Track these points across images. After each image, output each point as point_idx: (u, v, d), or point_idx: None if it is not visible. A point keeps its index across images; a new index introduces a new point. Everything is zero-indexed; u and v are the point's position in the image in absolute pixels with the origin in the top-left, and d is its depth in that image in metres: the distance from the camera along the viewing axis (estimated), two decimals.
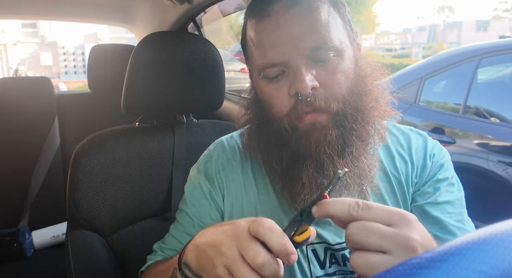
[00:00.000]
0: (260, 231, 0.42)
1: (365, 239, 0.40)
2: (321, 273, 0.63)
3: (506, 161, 1.79)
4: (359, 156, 0.60)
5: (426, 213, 0.64)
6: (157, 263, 0.71)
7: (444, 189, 0.66)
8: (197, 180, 0.73)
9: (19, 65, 14.43)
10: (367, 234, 0.40)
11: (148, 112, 1.01)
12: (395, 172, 0.68)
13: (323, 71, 0.58)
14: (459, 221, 0.64)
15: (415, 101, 2.25)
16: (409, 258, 0.23)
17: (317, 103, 0.57)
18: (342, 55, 0.59)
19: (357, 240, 0.40)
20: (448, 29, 37.67)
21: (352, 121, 0.59)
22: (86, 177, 0.88)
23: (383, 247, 0.39)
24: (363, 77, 0.62)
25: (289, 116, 0.59)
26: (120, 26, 2.25)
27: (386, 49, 31.78)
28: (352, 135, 0.59)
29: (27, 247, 1.69)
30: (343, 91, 0.59)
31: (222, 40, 8.87)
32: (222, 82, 0.98)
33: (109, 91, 1.70)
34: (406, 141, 0.71)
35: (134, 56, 0.91)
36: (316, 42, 0.57)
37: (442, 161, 0.69)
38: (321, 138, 0.58)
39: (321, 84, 0.58)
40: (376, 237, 0.39)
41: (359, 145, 0.60)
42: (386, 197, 0.66)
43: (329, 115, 0.59)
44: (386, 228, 0.40)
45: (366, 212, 0.41)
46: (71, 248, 0.85)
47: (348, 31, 0.63)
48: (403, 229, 0.40)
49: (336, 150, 0.58)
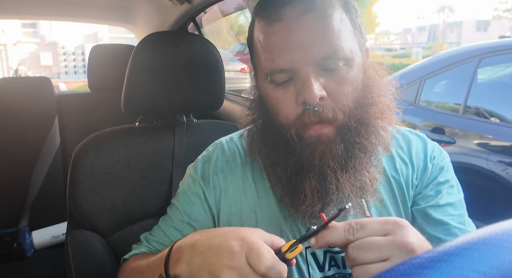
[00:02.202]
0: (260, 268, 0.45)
1: (365, 255, 0.42)
2: (319, 275, 0.63)
3: (506, 161, 1.79)
4: (362, 170, 0.59)
5: (429, 216, 0.64)
6: (139, 256, 0.70)
7: (445, 192, 0.66)
8: (192, 179, 0.72)
9: (19, 65, 14.41)
10: (366, 250, 0.42)
11: (148, 112, 1.01)
12: (395, 174, 0.68)
13: (332, 80, 0.57)
14: (461, 222, 0.64)
15: (415, 101, 2.25)
16: (409, 258, 0.23)
17: (325, 114, 0.56)
18: (352, 64, 0.58)
19: (358, 258, 0.43)
20: (448, 29, 37.65)
21: (355, 135, 0.59)
22: (86, 177, 0.88)
23: (383, 256, 0.41)
24: (371, 87, 0.61)
25: (295, 124, 0.58)
26: (120, 26, 2.25)
27: (386, 49, 31.78)
28: (355, 148, 0.59)
29: (27, 247, 1.68)
30: (349, 102, 0.58)
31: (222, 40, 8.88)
32: (222, 82, 0.98)
33: (109, 91, 1.70)
34: (406, 143, 0.71)
35: (134, 56, 0.91)
36: (326, 51, 0.56)
37: (442, 163, 0.69)
38: (326, 151, 0.58)
39: (329, 94, 0.57)
40: (375, 250, 0.42)
41: (362, 157, 0.59)
42: (386, 199, 0.66)
43: (334, 128, 0.58)
44: (383, 238, 0.42)
45: (362, 232, 0.44)
46: (71, 248, 0.85)
47: (358, 38, 0.62)
48: (398, 235, 0.42)
49: (340, 163, 0.58)
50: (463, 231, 0.63)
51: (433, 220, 0.64)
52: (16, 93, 1.80)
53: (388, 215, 0.65)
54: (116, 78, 1.57)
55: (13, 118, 1.77)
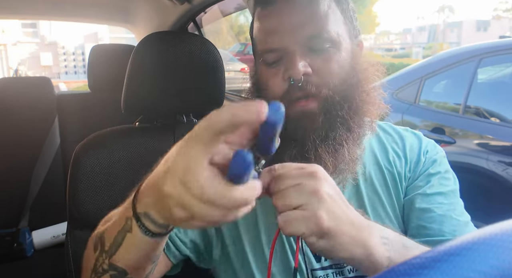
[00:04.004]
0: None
1: (285, 201, 0.46)
2: (317, 266, 0.64)
3: (506, 161, 1.79)
4: (342, 142, 0.61)
5: (413, 205, 0.65)
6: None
7: (436, 182, 0.67)
8: None
9: (19, 65, 14.41)
10: (284, 198, 0.46)
11: (148, 112, 1.01)
12: (388, 166, 0.69)
13: (318, 60, 0.61)
14: (450, 210, 0.64)
15: (415, 101, 2.25)
16: (410, 258, 0.23)
17: (308, 89, 0.60)
18: (339, 47, 0.62)
19: (280, 205, 0.46)
20: (448, 29, 37.68)
21: (339, 109, 0.61)
22: (86, 177, 0.88)
23: (298, 203, 0.45)
24: (358, 71, 0.64)
25: (282, 100, 0.61)
26: (120, 26, 2.25)
27: (386, 49, 31.79)
28: (337, 121, 0.61)
29: (27, 247, 1.69)
30: (334, 79, 0.61)
31: (222, 40, 8.88)
32: (222, 82, 0.98)
33: (109, 91, 1.70)
34: (401, 139, 0.73)
35: (134, 56, 0.91)
36: (313, 32, 0.60)
37: (435, 156, 0.70)
38: (308, 124, 0.61)
39: (314, 71, 0.60)
40: (291, 197, 0.45)
41: (343, 131, 0.62)
42: (379, 189, 0.67)
43: (318, 102, 0.61)
44: (297, 187, 0.46)
45: (281, 169, 0.48)
46: (71, 248, 0.85)
47: (349, 27, 0.66)
48: (310, 183, 0.46)
49: (320, 135, 0.61)
50: (451, 218, 0.63)
51: (417, 208, 0.65)
52: (16, 93, 1.80)
53: (381, 204, 0.67)
54: (116, 78, 1.57)
55: (13, 119, 1.77)
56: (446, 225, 0.62)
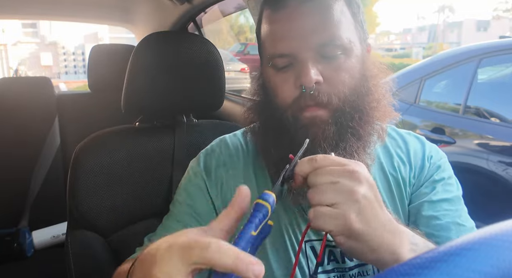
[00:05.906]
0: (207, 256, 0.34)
1: (321, 179, 0.46)
2: (319, 270, 0.64)
3: (506, 161, 1.79)
4: (352, 152, 0.61)
5: (420, 212, 0.65)
6: (131, 260, 0.66)
7: (440, 189, 0.67)
8: (194, 171, 0.73)
9: (19, 65, 14.40)
10: (319, 194, 0.46)
11: (148, 113, 1.01)
12: (393, 171, 0.69)
13: (329, 67, 0.60)
14: (456, 217, 0.64)
15: (415, 101, 2.25)
16: (410, 258, 0.23)
17: (320, 98, 0.59)
18: (350, 54, 0.61)
19: (315, 183, 0.46)
20: (448, 29, 37.66)
21: (349, 119, 0.61)
22: (86, 177, 0.88)
23: (331, 202, 0.45)
24: (368, 77, 0.63)
25: (292, 107, 0.61)
26: (120, 26, 2.25)
27: (386, 49, 31.75)
28: (348, 132, 0.61)
29: (27, 247, 1.68)
30: (345, 89, 0.60)
31: (222, 40, 8.89)
32: (222, 82, 0.98)
33: (109, 91, 1.70)
34: (405, 143, 0.72)
35: (134, 56, 0.91)
36: (325, 39, 0.59)
37: (439, 162, 0.70)
38: (318, 133, 0.60)
39: (325, 79, 0.59)
40: (327, 194, 0.45)
41: (354, 142, 0.61)
42: (384, 194, 0.67)
43: (329, 111, 0.60)
44: (335, 186, 0.45)
45: (322, 161, 0.47)
46: (71, 248, 0.85)
47: (359, 31, 0.64)
48: (347, 183, 0.45)
49: (331, 144, 0.60)
50: (458, 225, 0.63)
51: (425, 216, 0.64)
52: (16, 93, 1.80)
53: None
54: (116, 78, 1.57)
55: (13, 118, 1.77)
56: (454, 232, 0.62)
